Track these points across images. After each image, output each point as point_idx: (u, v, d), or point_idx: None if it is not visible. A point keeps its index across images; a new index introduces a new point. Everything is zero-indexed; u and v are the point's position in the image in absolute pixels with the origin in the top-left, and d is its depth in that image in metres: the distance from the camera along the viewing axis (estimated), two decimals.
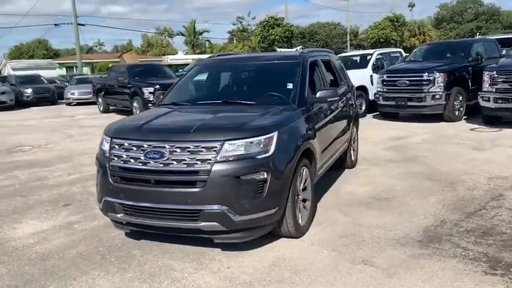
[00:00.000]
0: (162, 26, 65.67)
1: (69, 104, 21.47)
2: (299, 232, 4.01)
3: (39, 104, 21.50)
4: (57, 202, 5.52)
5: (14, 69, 29.77)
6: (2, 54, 58.39)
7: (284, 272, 3.45)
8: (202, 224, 3.49)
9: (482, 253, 3.62)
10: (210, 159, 3.45)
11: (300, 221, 4.03)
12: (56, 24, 30.89)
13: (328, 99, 4.62)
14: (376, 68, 12.86)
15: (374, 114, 12.39)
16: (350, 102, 6.27)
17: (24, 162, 8.19)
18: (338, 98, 4.82)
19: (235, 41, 51.39)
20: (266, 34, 42.52)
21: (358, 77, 12.50)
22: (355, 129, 6.71)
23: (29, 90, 21.13)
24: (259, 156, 3.54)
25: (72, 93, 21.23)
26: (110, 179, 3.76)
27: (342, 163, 6.36)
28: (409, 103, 10.76)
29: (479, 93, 9.61)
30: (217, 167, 3.43)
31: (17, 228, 4.67)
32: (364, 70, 12.84)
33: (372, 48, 22.01)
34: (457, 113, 10.62)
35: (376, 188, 5.53)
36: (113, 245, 4.07)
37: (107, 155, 3.84)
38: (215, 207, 3.44)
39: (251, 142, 3.55)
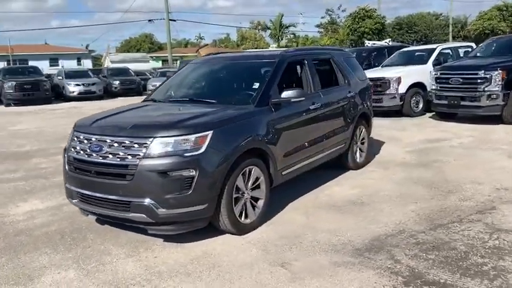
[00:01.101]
0: (256, 19, 66.90)
1: None
2: (239, 229, 4.09)
3: (125, 94, 23.39)
4: None
5: (112, 62, 32.66)
6: (106, 47, 63.99)
7: (200, 266, 3.59)
8: (132, 214, 3.75)
9: (410, 268, 3.42)
10: (139, 155, 3.69)
11: (241, 219, 4.11)
12: (149, 20, 33.24)
13: (293, 100, 4.59)
14: (438, 64, 12.05)
15: (433, 113, 11.64)
16: (352, 102, 6.07)
17: None
18: (304, 98, 4.73)
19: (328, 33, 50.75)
20: (356, 26, 41.50)
21: (415, 73, 11.93)
22: (363, 130, 6.49)
23: (117, 82, 23.13)
24: (188, 154, 3.69)
25: (154, 85, 22.63)
26: (67, 168, 4.20)
27: (343, 164, 6.22)
28: (462, 103, 9.95)
29: None
30: (144, 162, 3.66)
31: (20, 206, 5.34)
32: (424, 66, 12.09)
33: (476, 41, 20.26)
34: None
35: (362, 192, 5.35)
36: (78, 228, 4.51)
37: (68, 145, 4.27)
38: (141, 199, 3.67)
39: (181, 140, 3.72)
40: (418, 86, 11.83)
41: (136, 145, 3.74)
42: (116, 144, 3.83)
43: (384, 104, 11.77)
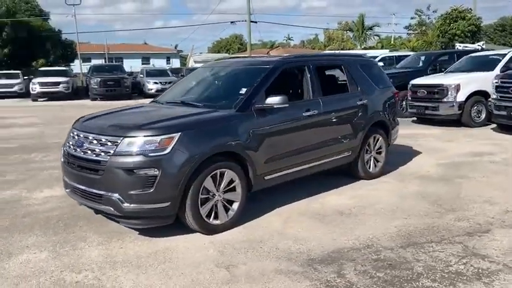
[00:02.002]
0: (345, 20, 65.66)
1: None
2: (207, 229, 4.25)
3: None
4: None
5: (195, 62, 34.11)
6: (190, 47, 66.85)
7: (153, 260, 3.80)
8: (103, 206, 4.09)
9: (349, 284, 3.35)
10: (110, 152, 4.01)
11: (209, 219, 4.25)
12: (232, 22, 34.26)
13: (276, 106, 4.62)
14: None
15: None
16: (363, 110, 5.89)
17: None
18: (287, 105, 4.70)
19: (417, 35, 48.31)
20: (446, 28, 39.09)
21: (478, 80, 11.12)
22: (379, 139, 6.27)
23: None
24: (152, 154, 3.93)
25: None
26: (62, 160, 4.66)
27: (353, 173, 6.08)
28: None
29: None
30: (112, 159, 3.97)
31: (43, 192, 5.96)
32: (490, 73, 11.15)
33: None
34: None
35: (357, 203, 5.22)
36: (75, 215, 4.96)
37: (65, 140, 4.74)
38: (110, 193, 3.99)
39: (147, 140, 3.97)
40: (481, 95, 11.01)
41: (109, 143, 4.07)
42: (95, 141, 4.20)
43: (441, 112, 11.13)
